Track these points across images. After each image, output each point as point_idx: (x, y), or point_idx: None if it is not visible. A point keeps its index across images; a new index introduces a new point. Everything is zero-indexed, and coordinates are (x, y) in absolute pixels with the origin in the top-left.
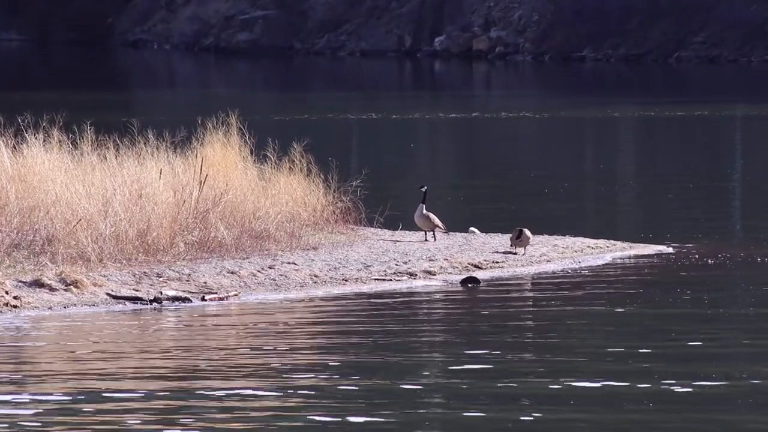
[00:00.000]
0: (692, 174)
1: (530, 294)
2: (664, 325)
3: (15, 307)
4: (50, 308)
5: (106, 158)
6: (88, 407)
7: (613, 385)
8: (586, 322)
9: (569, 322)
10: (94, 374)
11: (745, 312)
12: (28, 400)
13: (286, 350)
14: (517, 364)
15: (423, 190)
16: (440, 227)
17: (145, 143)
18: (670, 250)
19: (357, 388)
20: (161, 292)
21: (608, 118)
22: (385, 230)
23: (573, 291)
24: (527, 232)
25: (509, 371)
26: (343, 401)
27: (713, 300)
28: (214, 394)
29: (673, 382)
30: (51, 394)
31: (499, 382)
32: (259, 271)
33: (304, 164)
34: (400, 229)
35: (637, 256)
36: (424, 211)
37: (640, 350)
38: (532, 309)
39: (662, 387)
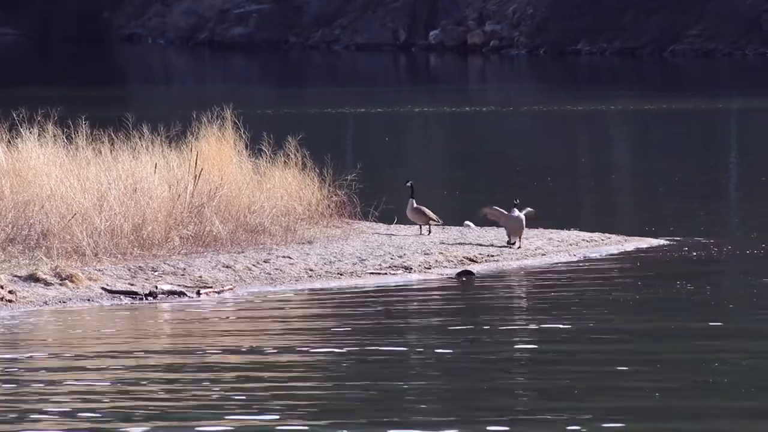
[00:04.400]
0: (687, 167)
1: (525, 287)
2: (663, 320)
3: (10, 301)
4: (45, 303)
5: (101, 153)
6: (85, 404)
7: (610, 379)
8: (581, 315)
9: (564, 315)
10: (91, 370)
11: (745, 304)
12: (24, 397)
13: (281, 344)
14: (512, 357)
15: (409, 185)
16: (434, 220)
17: (140, 137)
18: (666, 243)
19: (353, 382)
20: (156, 287)
21: (603, 111)
22: (380, 224)
23: (568, 284)
24: (516, 212)
25: (504, 364)
26: (339, 396)
27: (713, 291)
28: (210, 389)
29: (673, 377)
30: (47, 389)
31: (494, 375)
32: (254, 265)
33: (299, 158)
34: (395, 223)
35: (632, 250)
36: (415, 205)
37: (638, 343)
38: (526, 302)
39: (661, 381)
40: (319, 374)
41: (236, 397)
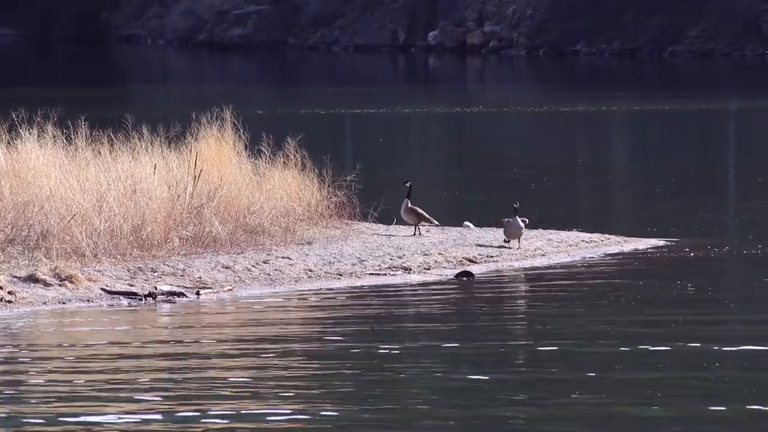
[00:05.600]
0: (686, 167)
1: (524, 287)
2: (663, 320)
3: (9, 302)
4: (45, 303)
5: (100, 153)
6: (84, 403)
7: (609, 376)
8: (580, 316)
9: (564, 315)
10: (91, 371)
11: (745, 304)
12: (23, 397)
13: (280, 345)
14: (511, 357)
15: (407, 185)
16: (428, 220)
17: (139, 138)
18: (665, 243)
19: (352, 383)
20: (156, 287)
21: (602, 112)
22: (380, 225)
23: (567, 284)
24: (518, 220)
25: (504, 364)
26: (337, 396)
27: (713, 291)
28: (209, 390)
29: (673, 376)
30: (47, 390)
31: (493, 375)
32: (253, 266)
33: (299, 159)
34: (395, 224)
35: (631, 250)
36: (410, 205)
37: (638, 343)
38: (526, 302)
39: (661, 381)
40: (317, 375)
41: (236, 398)
